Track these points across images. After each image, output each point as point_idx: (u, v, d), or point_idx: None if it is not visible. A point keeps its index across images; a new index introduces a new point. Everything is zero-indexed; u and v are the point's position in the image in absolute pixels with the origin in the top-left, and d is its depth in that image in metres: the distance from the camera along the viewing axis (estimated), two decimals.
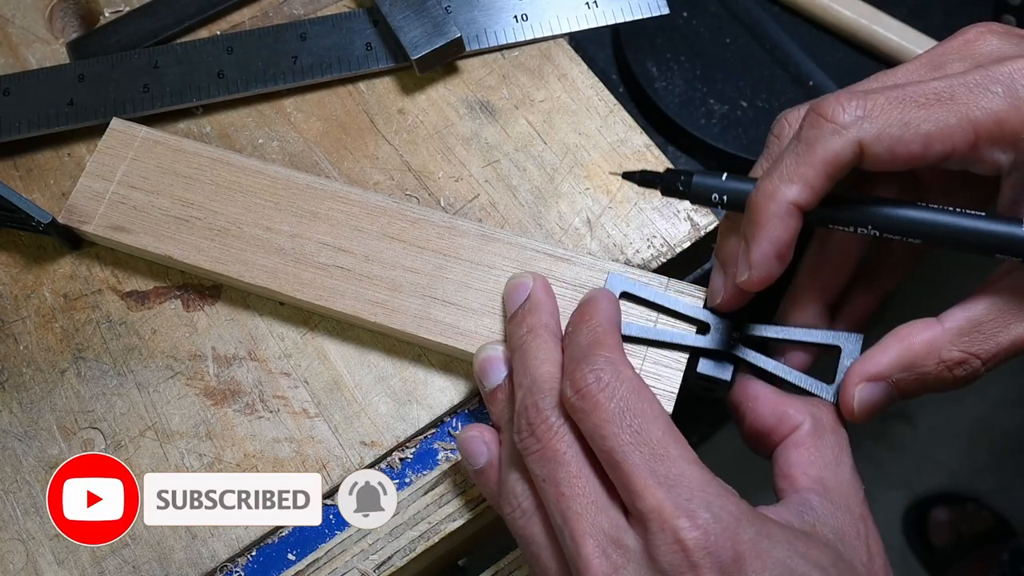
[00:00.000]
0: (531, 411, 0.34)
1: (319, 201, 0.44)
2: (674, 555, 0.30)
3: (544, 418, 0.34)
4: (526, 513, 0.34)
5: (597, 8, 0.51)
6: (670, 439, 0.32)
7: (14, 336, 0.45)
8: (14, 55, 0.52)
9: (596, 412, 0.32)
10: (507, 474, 0.36)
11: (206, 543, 0.40)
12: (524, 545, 0.35)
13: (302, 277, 0.43)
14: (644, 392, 0.33)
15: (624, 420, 0.32)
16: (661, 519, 0.30)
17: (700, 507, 0.30)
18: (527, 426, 0.34)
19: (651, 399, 0.33)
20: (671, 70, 0.62)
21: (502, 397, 0.38)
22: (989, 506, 1.26)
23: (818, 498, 0.34)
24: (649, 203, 0.46)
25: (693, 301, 0.41)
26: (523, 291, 0.39)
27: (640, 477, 0.31)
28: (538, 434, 0.34)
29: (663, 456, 0.32)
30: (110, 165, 0.45)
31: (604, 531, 0.31)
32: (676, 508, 0.30)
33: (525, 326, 0.38)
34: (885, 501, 1.27)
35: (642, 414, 0.32)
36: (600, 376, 0.33)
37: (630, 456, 0.31)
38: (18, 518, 0.41)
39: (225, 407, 0.43)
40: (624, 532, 0.31)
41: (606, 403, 0.32)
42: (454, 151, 0.48)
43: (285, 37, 0.50)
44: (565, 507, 0.32)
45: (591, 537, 0.31)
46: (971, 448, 1.31)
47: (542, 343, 0.37)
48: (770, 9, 0.64)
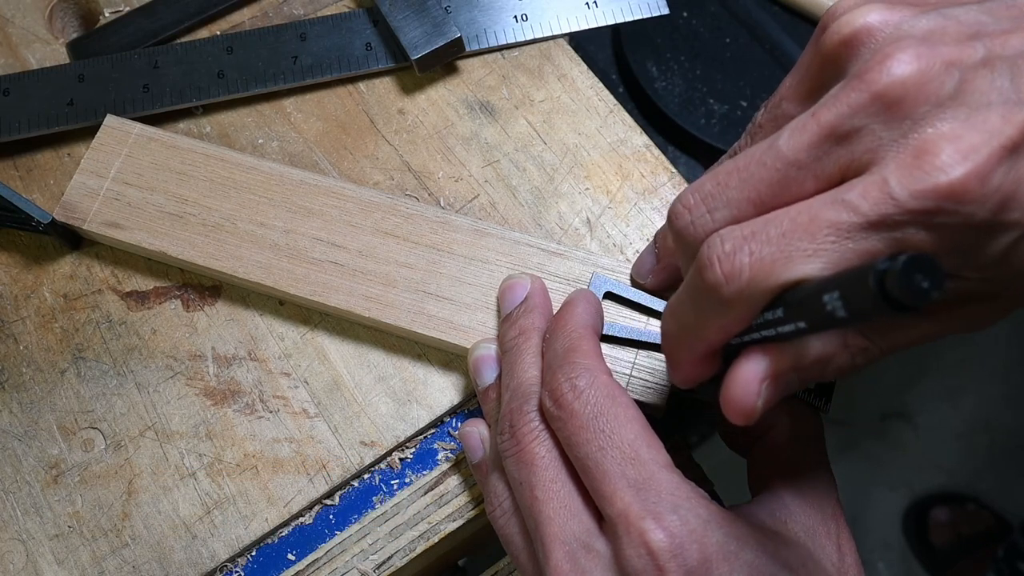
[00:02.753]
0: (514, 414, 0.35)
1: (313, 197, 0.44)
2: (640, 559, 0.29)
3: (526, 421, 0.34)
4: (506, 513, 0.35)
5: (597, 8, 0.51)
6: (642, 443, 0.32)
7: (14, 336, 0.45)
8: (14, 55, 0.52)
9: (571, 420, 0.33)
10: (491, 473, 0.36)
11: (206, 543, 0.40)
12: (504, 544, 0.35)
13: (296, 273, 0.43)
14: (619, 397, 0.33)
15: (597, 425, 0.32)
16: (627, 522, 0.30)
17: (667, 510, 0.30)
18: (509, 428, 0.35)
19: (626, 403, 0.33)
20: (671, 70, 0.62)
21: (493, 396, 0.38)
22: (989, 506, 1.26)
23: (791, 496, 0.34)
24: (649, 203, 0.47)
25: None
26: (520, 291, 0.40)
27: (610, 481, 0.31)
28: (518, 437, 0.34)
29: (633, 460, 0.31)
30: (104, 162, 0.46)
31: (575, 536, 0.31)
32: (643, 511, 0.30)
33: (517, 328, 0.38)
34: (885, 501, 1.27)
35: (615, 419, 0.32)
36: (575, 384, 0.33)
37: (601, 462, 0.31)
38: (18, 518, 0.41)
39: (225, 407, 0.43)
40: (595, 538, 0.31)
41: (580, 410, 0.32)
42: (454, 151, 0.48)
43: (285, 37, 0.50)
44: (538, 511, 0.32)
45: (561, 542, 0.31)
46: (971, 448, 1.31)
47: (531, 347, 0.37)
48: (770, 9, 0.64)
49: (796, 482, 0.35)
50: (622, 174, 0.47)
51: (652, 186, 0.47)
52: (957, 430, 1.31)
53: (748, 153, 0.28)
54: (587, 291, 0.39)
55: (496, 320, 0.41)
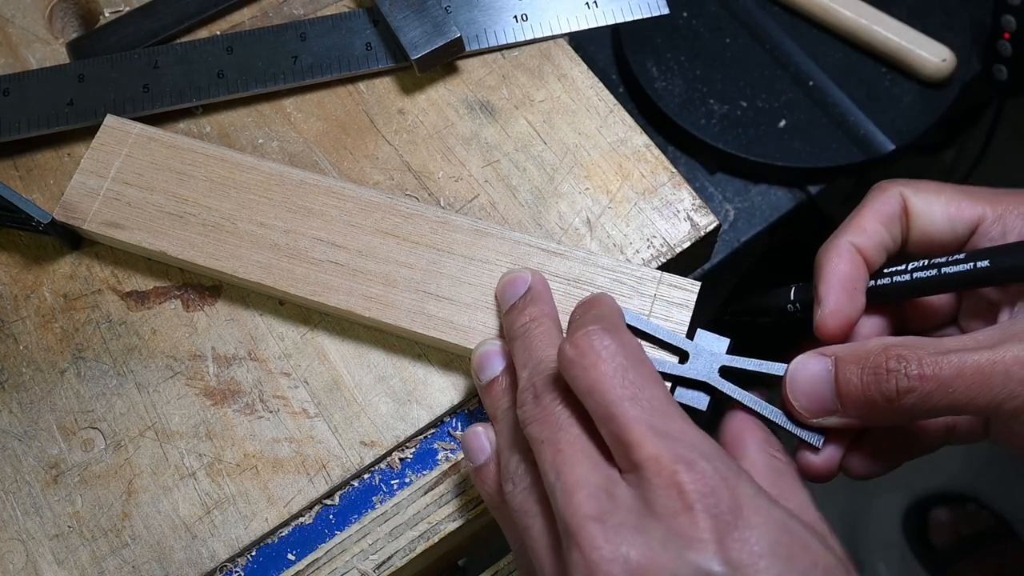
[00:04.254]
0: (537, 384, 0.35)
1: (313, 197, 0.44)
2: (669, 498, 0.29)
3: (549, 389, 0.34)
4: (525, 488, 0.34)
5: (597, 8, 0.51)
6: (669, 402, 0.32)
7: (14, 336, 0.45)
8: (14, 55, 0.52)
9: (595, 368, 0.32)
10: (509, 457, 0.36)
11: (206, 543, 0.40)
12: (519, 519, 0.34)
13: (296, 273, 0.43)
14: (646, 360, 0.33)
15: (626, 377, 0.32)
16: (658, 465, 0.29)
17: (699, 457, 0.30)
18: (532, 397, 0.34)
19: (651, 367, 0.33)
20: (671, 70, 0.62)
21: (498, 388, 0.38)
22: (989, 506, 1.26)
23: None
24: (649, 203, 0.47)
25: (683, 298, 0.41)
26: (521, 284, 0.40)
27: (638, 428, 0.30)
28: (543, 402, 0.34)
29: (663, 412, 0.31)
30: (104, 162, 0.46)
31: (597, 484, 0.31)
32: (674, 456, 0.30)
33: (527, 315, 0.38)
34: (885, 501, 1.27)
35: (644, 375, 0.32)
36: (603, 337, 0.33)
37: (629, 410, 0.31)
38: (18, 518, 0.41)
39: (225, 407, 0.43)
40: (617, 484, 0.31)
41: (608, 360, 0.32)
42: (454, 151, 0.48)
43: (285, 37, 0.50)
44: (561, 462, 0.32)
45: (583, 487, 0.31)
46: (971, 448, 1.31)
47: (546, 330, 0.37)
48: (770, 9, 0.64)
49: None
50: (622, 174, 0.47)
51: (652, 186, 0.47)
52: None
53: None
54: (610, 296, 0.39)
55: (496, 320, 0.41)
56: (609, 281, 0.42)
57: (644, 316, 0.41)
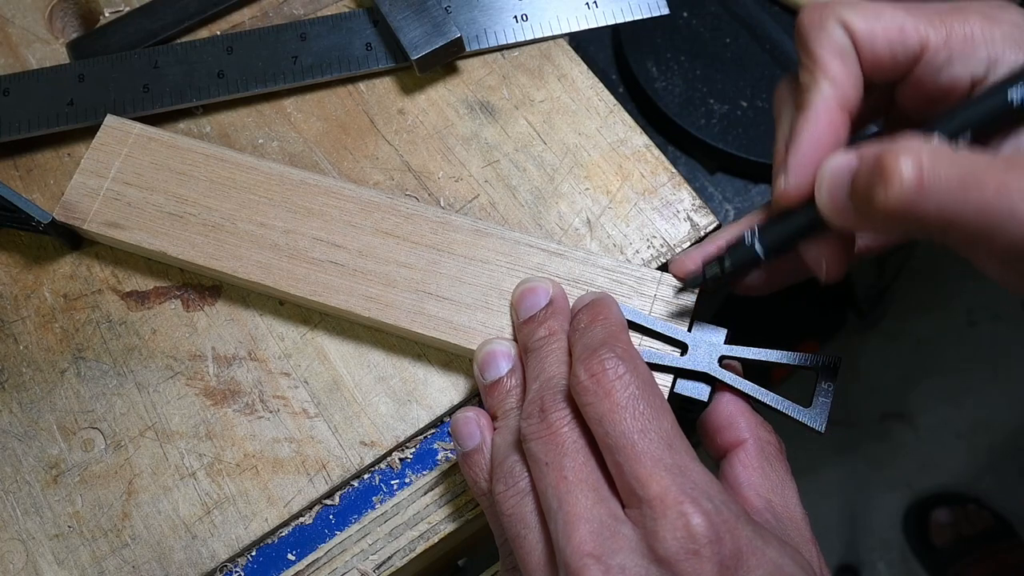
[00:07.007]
0: (546, 400, 0.35)
1: (313, 197, 0.44)
2: (676, 541, 0.29)
3: (558, 407, 0.34)
4: (520, 492, 0.35)
5: (597, 8, 0.51)
6: (677, 434, 0.33)
7: (14, 336, 0.45)
8: (14, 55, 0.52)
9: (608, 398, 0.33)
10: (506, 456, 0.36)
11: (206, 543, 0.40)
12: (510, 524, 0.35)
13: (296, 273, 0.43)
14: (656, 388, 0.34)
15: (637, 408, 0.32)
16: (665, 504, 0.30)
17: (703, 497, 0.30)
18: (539, 412, 0.35)
19: (662, 397, 0.34)
20: (671, 70, 0.62)
21: (502, 388, 0.38)
22: (989, 506, 1.26)
23: (772, 519, 0.35)
24: (649, 203, 0.47)
25: (683, 298, 0.41)
26: (543, 295, 0.40)
27: (647, 463, 0.31)
28: (549, 421, 0.34)
29: (670, 446, 0.32)
30: (104, 162, 0.46)
31: (600, 519, 0.31)
32: (682, 494, 0.30)
33: (546, 328, 0.38)
34: (885, 501, 1.27)
35: (654, 406, 0.33)
36: (617, 366, 0.33)
37: (638, 443, 0.32)
38: (18, 518, 0.41)
39: (225, 407, 0.43)
40: (621, 523, 0.31)
41: (621, 390, 0.33)
42: (454, 151, 0.48)
43: (285, 37, 0.50)
44: (564, 491, 0.32)
45: (586, 520, 0.31)
46: (971, 448, 1.31)
47: (560, 347, 0.38)
48: (770, 9, 0.64)
49: (772, 507, 0.36)
50: (622, 174, 0.47)
51: (652, 186, 0.47)
52: (957, 430, 1.31)
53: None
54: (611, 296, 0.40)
55: (496, 319, 0.41)
56: (609, 281, 0.42)
57: (645, 312, 0.41)
